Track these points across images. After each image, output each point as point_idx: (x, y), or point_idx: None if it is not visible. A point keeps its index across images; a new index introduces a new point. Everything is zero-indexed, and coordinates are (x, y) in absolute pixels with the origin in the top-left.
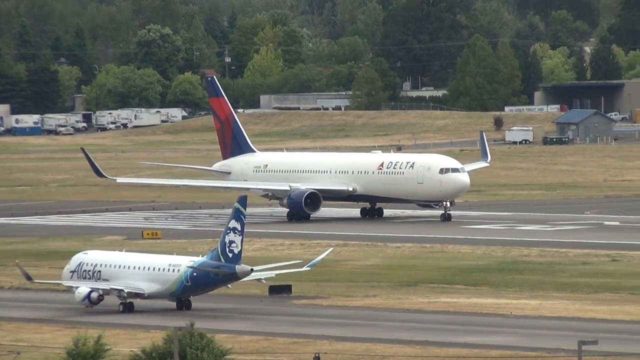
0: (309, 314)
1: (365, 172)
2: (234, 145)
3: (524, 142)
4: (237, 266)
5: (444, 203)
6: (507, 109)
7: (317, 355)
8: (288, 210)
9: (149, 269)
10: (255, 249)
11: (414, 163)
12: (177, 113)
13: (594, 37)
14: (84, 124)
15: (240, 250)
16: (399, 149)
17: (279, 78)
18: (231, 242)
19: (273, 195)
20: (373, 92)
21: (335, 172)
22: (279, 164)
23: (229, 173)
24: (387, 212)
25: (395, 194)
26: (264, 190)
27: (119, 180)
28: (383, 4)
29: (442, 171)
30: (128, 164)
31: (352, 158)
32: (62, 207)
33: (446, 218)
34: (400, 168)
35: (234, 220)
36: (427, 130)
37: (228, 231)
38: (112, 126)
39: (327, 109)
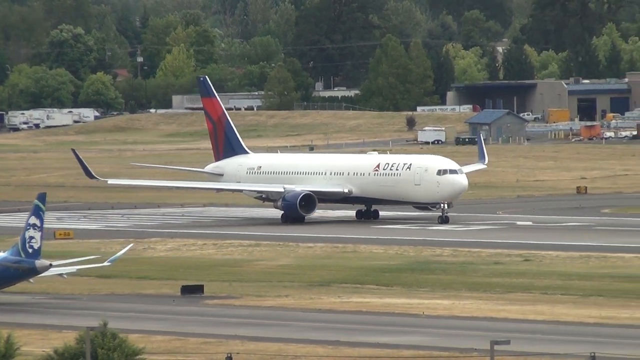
0: (221, 314)
1: (361, 173)
2: (226, 146)
3: (436, 142)
4: (36, 261)
5: (442, 205)
6: (419, 109)
7: (229, 355)
8: (282, 212)
9: None
10: (168, 249)
11: (410, 164)
12: (89, 113)
13: (507, 37)
14: None
15: (40, 245)
16: (311, 149)
17: (191, 78)
18: (31, 237)
19: (267, 197)
20: (285, 92)
21: (331, 173)
22: (273, 166)
23: (221, 175)
24: (382, 214)
25: (391, 196)
26: (258, 192)
27: (110, 181)
28: (295, 4)
29: (439, 173)
30: (41, 164)
31: (348, 159)
32: None
33: (444, 220)
34: (396, 169)
35: (33, 217)
36: (339, 131)
37: (28, 227)
38: (25, 126)
39: (239, 109)
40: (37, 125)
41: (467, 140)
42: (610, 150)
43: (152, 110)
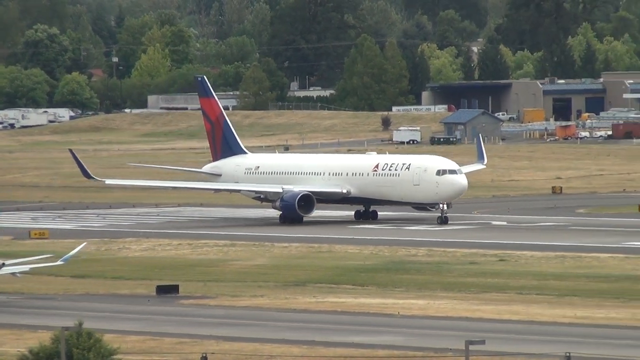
0: (196, 314)
1: (359, 174)
2: (224, 146)
3: (411, 142)
4: None
5: (441, 206)
6: (394, 109)
7: (204, 355)
8: (281, 212)
9: None
10: (143, 249)
11: (410, 164)
12: (64, 113)
13: (482, 37)
14: None
15: None
16: (286, 149)
17: (166, 78)
18: None
19: (265, 198)
20: (260, 92)
21: (329, 174)
22: (271, 166)
23: (219, 175)
24: (381, 214)
25: (390, 197)
26: (256, 192)
27: (108, 182)
28: (270, 4)
29: (439, 173)
30: (16, 164)
31: (347, 160)
32: None
33: (443, 221)
34: (395, 170)
35: None
36: (314, 130)
37: None
38: (0, 126)
39: None
40: (12, 125)
41: (442, 140)
42: (585, 150)
43: (128, 110)
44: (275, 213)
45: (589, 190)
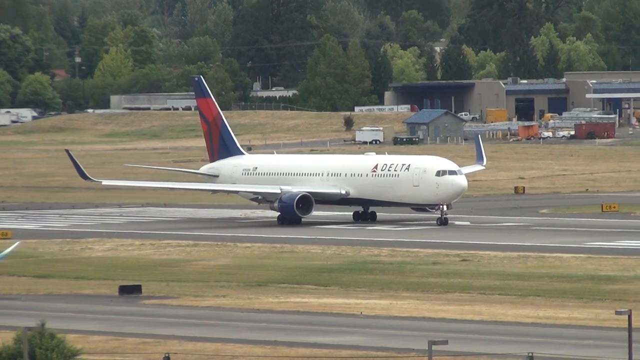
0: (159, 314)
1: (358, 174)
2: (221, 147)
3: (374, 142)
4: None
5: (441, 207)
6: (357, 109)
7: (167, 355)
8: (279, 213)
9: None
10: (106, 249)
11: (409, 165)
12: (27, 113)
13: (445, 37)
14: None
15: None
16: (249, 149)
17: (129, 78)
18: None
19: (263, 199)
20: (223, 92)
21: (328, 174)
22: (269, 167)
23: (217, 176)
24: (380, 215)
25: (389, 198)
26: (254, 193)
27: (105, 182)
28: (233, 4)
29: (438, 174)
30: None
31: (345, 160)
32: None
33: (443, 222)
34: (395, 170)
35: None
36: (277, 131)
37: None
38: None
39: (177, 109)
40: None
41: (404, 140)
42: (548, 150)
43: (90, 111)
44: (236, 213)
45: (551, 191)
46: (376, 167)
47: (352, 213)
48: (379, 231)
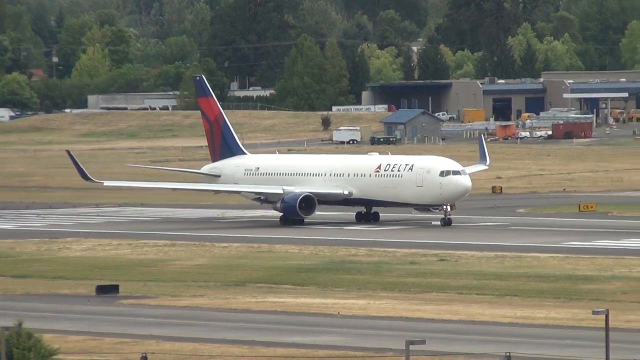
0: (137, 314)
1: (361, 175)
2: (223, 147)
3: (351, 142)
4: None
5: (445, 207)
6: (334, 108)
7: (144, 355)
8: (282, 214)
9: None
10: (83, 248)
11: (413, 165)
12: (4, 113)
13: (422, 37)
14: None
15: None
16: None
17: (106, 78)
18: None
19: (265, 199)
20: None
21: (330, 174)
22: (272, 167)
23: (218, 176)
24: (383, 216)
25: (393, 198)
26: (256, 193)
27: (106, 183)
28: (210, 3)
29: (442, 174)
30: None
31: (348, 160)
32: None
33: (446, 223)
34: (398, 171)
35: None
36: (254, 130)
37: None
38: None
39: (154, 109)
40: None
41: (382, 139)
42: (525, 150)
43: (68, 110)
44: (214, 213)
45: (529, 190)
46: (379, 167)
47: (354, 214)
48: (356, 231)
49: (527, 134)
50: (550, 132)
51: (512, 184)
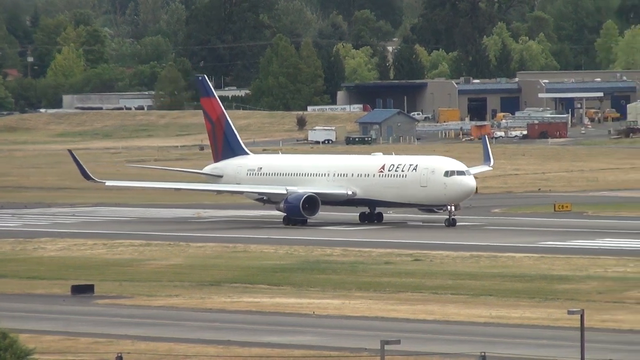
0: (112, 314)
1: (365, 175)
2: (225, 147)
3: (326, 141)
4: None
5: (449, 207)
6: (310, 108)
7: (119, 355)
8: (285, 214)
9: None
10: (58, 248)
11: (417, 165)
12: None
13: (397, 37)
14: None
15: None
16: (201, 148)
17: (81, 78)
18: None
19: (268, 199)
20: (176, 91)
21: (334, 175)
22: (274, 167)
23: (220, 176)
24: (386, 216)
25: (397, 198)
26: (259, 193)
27: (108, 183)
28: (186, 3)
29: (447, 174)
30: None
31: (352, 160)
32: None
33: (451, 223)
34: (402, 171)
35: None
36: None
37: None
38: None
39: (129, 108)
40: None
41: (357, 139)
42: (500, 150)
43: (43, 110)
44: (189, 212)
45: (504, 190)
46: (383, 167)
47: (358, 214)
48: (331, 231)
49: (502, 133)
50: (525, 132)
51: (487, 183)
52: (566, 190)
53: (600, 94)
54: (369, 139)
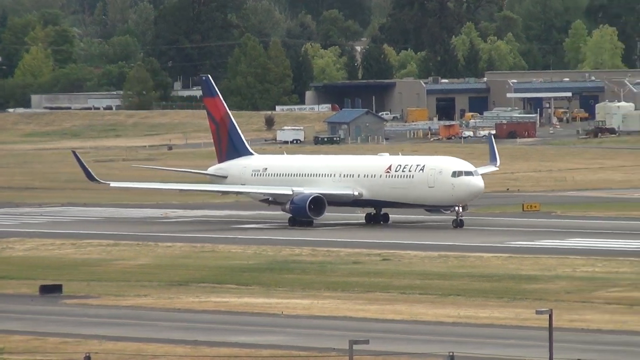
0: (80, 314)
1: (371, 175)
2: (230, 147)
3: (295, 141)
4: None
5: (457, 208)
6: (278, 108)
7: (87, 355)
8: (290, 215)
9: None
10: (26, 248)
11: (424, 166)
12: None
13: (365, 37)
14: None
15: None
16: (169, 148)
17: (49, 78)
18: None
19: (274, 200)
20: (144, 91)
21: (340, 175)
22: (279, 167)
23: (225, 177)
24: (393, 217)
25: (404, 199)
26: (265, 194)
27: (113, 184)
28: (154, 3)
29: (454, 174)
30: None
31: (358, 161)
32: None
33: (458, 224)
34: (409, 171)
35: None
36: (198, 130)
37: None
38: None
39: (98, 108)
40: None
41: (325, 139)
42: (469, 150)
43: (11, 110)
44: (157, 212)
45: None
46: (390, 167)
47: (364, 215)
48: (300, 230)
49: (470, 133)
50: (493, 132)
51: None
52: (535, 190)
53: (569, 94)
54: (337, 138)
